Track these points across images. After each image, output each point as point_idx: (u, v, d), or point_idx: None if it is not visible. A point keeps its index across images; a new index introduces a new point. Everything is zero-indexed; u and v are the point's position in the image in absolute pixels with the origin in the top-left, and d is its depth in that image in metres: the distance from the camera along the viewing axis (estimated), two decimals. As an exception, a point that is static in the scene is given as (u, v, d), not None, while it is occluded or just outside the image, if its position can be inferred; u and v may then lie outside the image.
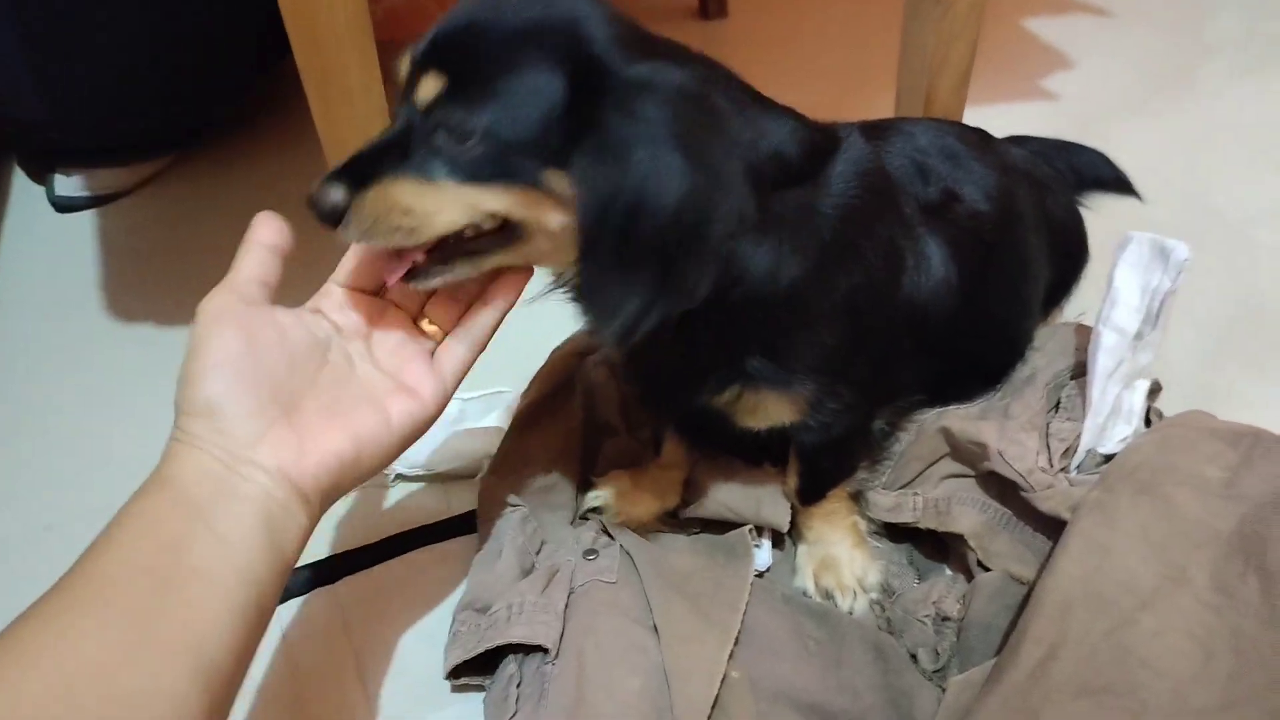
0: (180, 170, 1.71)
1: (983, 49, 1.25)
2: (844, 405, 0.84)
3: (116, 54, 1.41)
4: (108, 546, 0.64)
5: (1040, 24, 1.98)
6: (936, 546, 1.00)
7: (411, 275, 0.71)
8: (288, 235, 0.76)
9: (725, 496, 0.98)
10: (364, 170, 0.66)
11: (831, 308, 0.78)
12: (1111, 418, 0.97)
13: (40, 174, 1.67)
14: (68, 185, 1.61)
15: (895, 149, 0.92)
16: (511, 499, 0.99)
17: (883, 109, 1.30)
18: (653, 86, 0.63)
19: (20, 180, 1.72)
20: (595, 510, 1.03)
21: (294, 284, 0.77)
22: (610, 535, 0.99)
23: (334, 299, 0.78)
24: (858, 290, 0.80)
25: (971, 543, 0.94)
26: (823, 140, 0.78)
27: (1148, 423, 1.02)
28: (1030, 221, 1.02)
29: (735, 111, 0.69)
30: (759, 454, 0.99)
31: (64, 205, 1.62)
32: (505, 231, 0.70)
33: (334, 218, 0.66)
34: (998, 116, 1.62)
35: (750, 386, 0.81)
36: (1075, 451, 0.96)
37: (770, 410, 0.83)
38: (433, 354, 0.79)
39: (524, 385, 1.12)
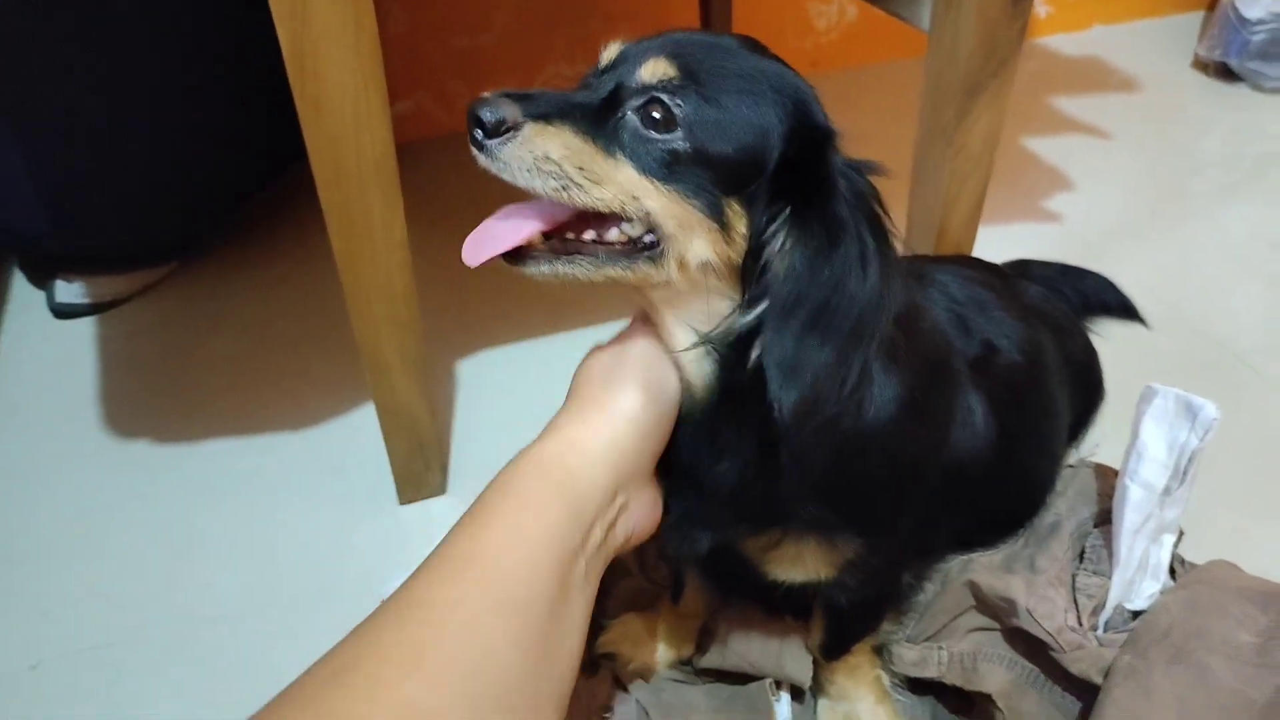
0: (183, 277, 1.70)
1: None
2: (882, 564, 0.82)
3: (118, 166, 1.40)
4: (507, 534, 0.64)
5: (1040, 144, 2.02)
6: (960, 699, 0.97)
7: (517, 257, 0.66)
8: None
9: (745, 649, 0.95)
10: (544, 108, 0.63)
11: (897, 457, 0.77)
12: (1139, 573, 0.95)
13: (41, 279, 1.65)
14: (69, 292, 1.60)
15: (936, 301, 0.92)
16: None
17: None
18: (865, 185, 0.65)
19: (20, 284, 1.70)
20: (606, 656, 1.00)
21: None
22: (624, 688, 0.96)
23: None
24: (922, 444, 0.79)
25: (999, 703, 0.91)
26: (914, 301, 0.80)
27: (1172, 570, 1.00)
28: (1054, 370, 1.02)
29: None
30: (781, 605, 0.96)
31: (64, 311, 1.60)
32: (639, 244, 0.66)
33: (494, 128, 0.61)
34: (1003, 238, 1.64)
35: (795, 533, 0.78)
36: (1104, 608, 0.94)
37: (809, 563, 0.80)
38: None
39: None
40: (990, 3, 1.06)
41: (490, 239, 0.65)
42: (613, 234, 0.66)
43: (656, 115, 0.63)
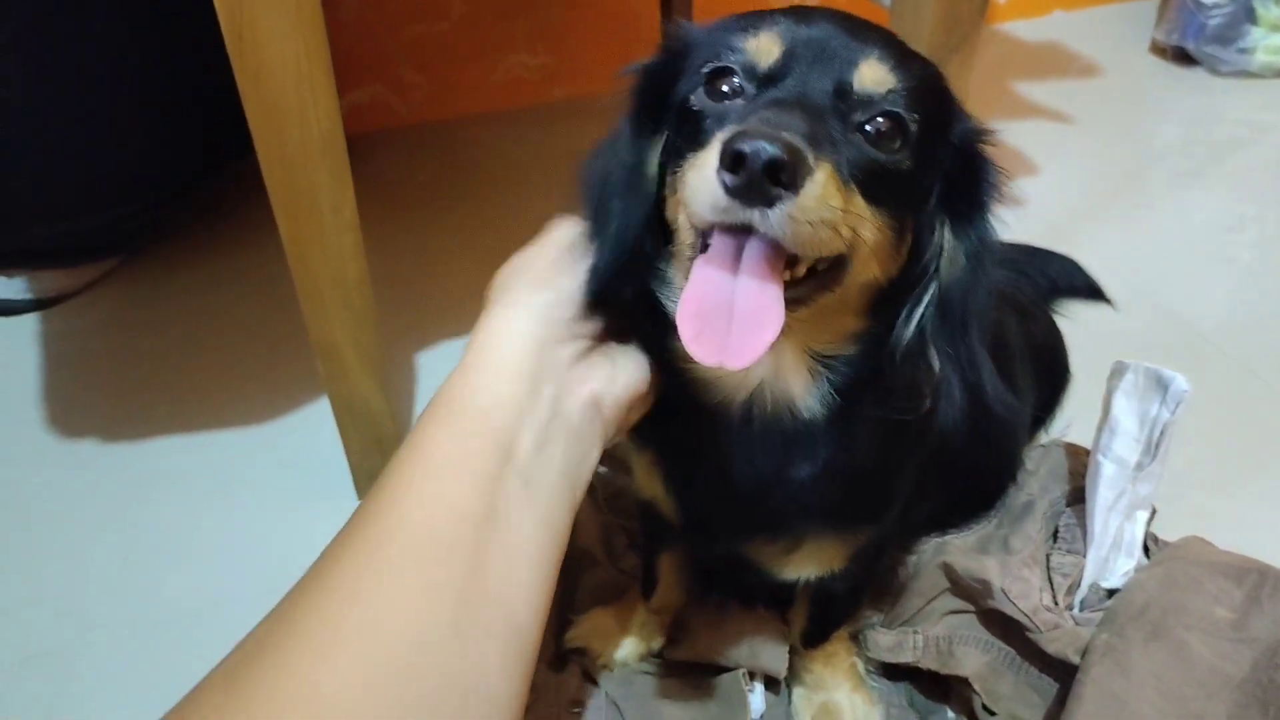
0: (130, 272, 1.64)
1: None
2: (880, 547, 0.80)
3: (54, 156, 1.34)
4: (412, 488, 0.58)
5: (1003, 128, 2.01)
6: (936, 683, 0.95)
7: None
8: None
9: (717, 640, 0.93)
10: (806, 133, 0.48)
11: (917, 435, 0.75)
12: (1113, 550, 0.94)
13: (-19, 275, 1.58)
14: (10, 287, 1.53)
15: None
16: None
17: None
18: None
19: (-41, 280, 1.63)
20: (575, 651, 0.97)
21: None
22: (594, 681, 0.93)
23: None
24: (924, 422, 0.75)
25: (976, 685, 0.89)
26: None
27: (1145, 549, 0.99)
28: (1016, 350, 1.01)
29: None
30: (758, 597, 0.94)
31: (6, 308, 1.53)
32: (813, 271, 0.55)
33: (793, 176, 0.46)
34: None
35: (814, 532, 0.74)
36: (1079, 586, 0.93)
37: (825, 558, 0.77)
38: None
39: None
40: (952, -24, 1.04)
41: (749, 327, 0.51)
42: (801, 268, 0.54)
43: (887, 133, 0.54)
